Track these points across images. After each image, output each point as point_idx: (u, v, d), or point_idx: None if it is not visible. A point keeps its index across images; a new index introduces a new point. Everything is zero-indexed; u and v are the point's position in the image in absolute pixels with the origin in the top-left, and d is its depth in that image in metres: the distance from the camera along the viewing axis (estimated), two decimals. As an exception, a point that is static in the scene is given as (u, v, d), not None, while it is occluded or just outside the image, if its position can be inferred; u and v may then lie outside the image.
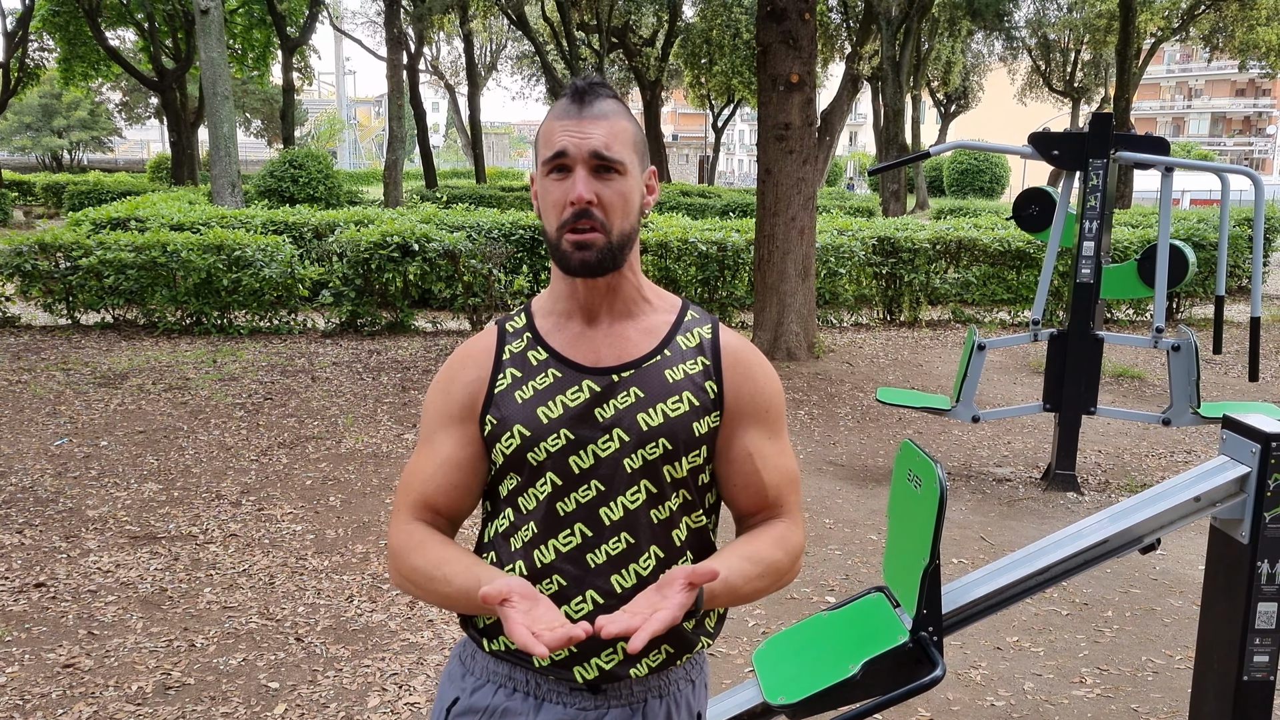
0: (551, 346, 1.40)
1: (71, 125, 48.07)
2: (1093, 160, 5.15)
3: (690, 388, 1.38)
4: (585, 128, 1.31)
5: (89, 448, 5.87)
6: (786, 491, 1.46)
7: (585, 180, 1.30)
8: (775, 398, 1.45)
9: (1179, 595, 4.16)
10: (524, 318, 1.45)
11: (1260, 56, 28.01)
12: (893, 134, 23.17)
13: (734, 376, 1.42)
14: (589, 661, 1.36)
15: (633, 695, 1.39)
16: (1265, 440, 2.19)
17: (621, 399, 1.36)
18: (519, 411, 1.37)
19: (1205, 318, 11.53)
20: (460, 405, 1.41)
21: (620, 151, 1.32)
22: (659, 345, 1.40)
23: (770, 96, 8.43)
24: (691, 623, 1.39)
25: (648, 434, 1.35)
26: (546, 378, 1.38)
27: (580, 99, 1.33)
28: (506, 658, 1.41)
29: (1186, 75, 69.48)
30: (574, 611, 1.35)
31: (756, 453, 1.42)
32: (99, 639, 3.58)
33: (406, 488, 1.44)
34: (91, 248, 9.19)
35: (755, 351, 1.46)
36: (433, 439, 1.42)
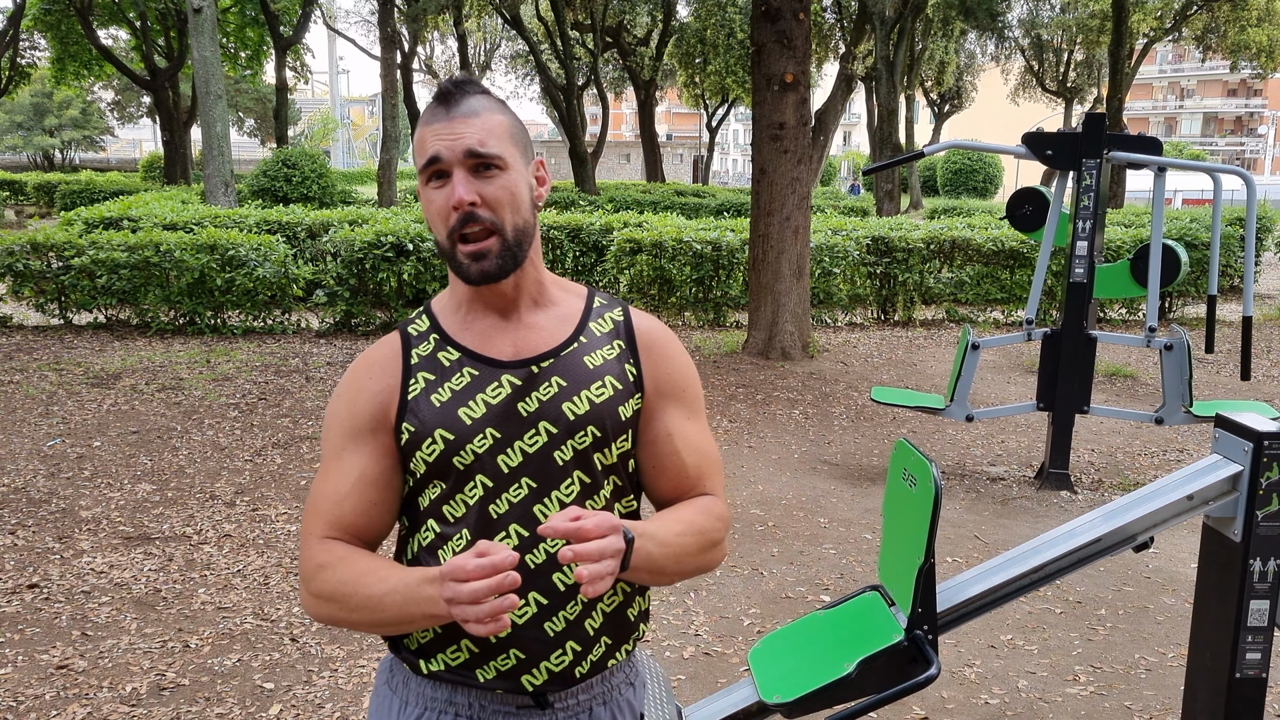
0: (462, 345, 1.34)
1: (63, 124, 47.92)
2: (1086, 160, 5.17)
3: (611, 372, 1.35)
4: (455, 128, 1.26)
5: (82, 448, 5.86)
6: (708, 471, 1.42)
7: (465, 182, 1.25)
8: (691, 377, 1.42)
9: (1172, 593, 4.18)
10: (426, 319, 1.38)
11: (1251, 57, 28.11)
12: (886, 134, 23.20)
13: (650, 357, 1.39)
14: (537, 667, 1.31)
15: (579, 705, 1.36)
16: (1257, 439, 2.20)
17: (544, 390, 1.32)
18: (438, 415, 1.30)
19: (1197, 317, 11.57)
20: (369, 417, 1.33)
21: (497, 146, 1.27)
22: (574, 332, 1.36)
23: (765, 96, 8.44)
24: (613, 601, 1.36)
25: (575, 423, 1.31)
26: (463, 377, 1.32)
27: (446, 100, 1.28)
28: (447, 678, 1.34)
29: (1179, 75, 69.70)
30: (517, 616, 1.30)
31: (677, 433, 1.39)
32: (93, 640, 3.58)
33: (315, 512, 1.33)
34: (84, 247, 9.16)
35: (668, 332, 1.44)
36: (340, 456, 1.33)
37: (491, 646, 1.31)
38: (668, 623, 3.82)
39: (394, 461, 1.33)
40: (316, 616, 1.30)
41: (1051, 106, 38.98)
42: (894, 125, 23.33)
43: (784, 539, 4.71)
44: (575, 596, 1.32)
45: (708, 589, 4.13)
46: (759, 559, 4.46)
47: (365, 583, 1.25)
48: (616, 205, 20.96)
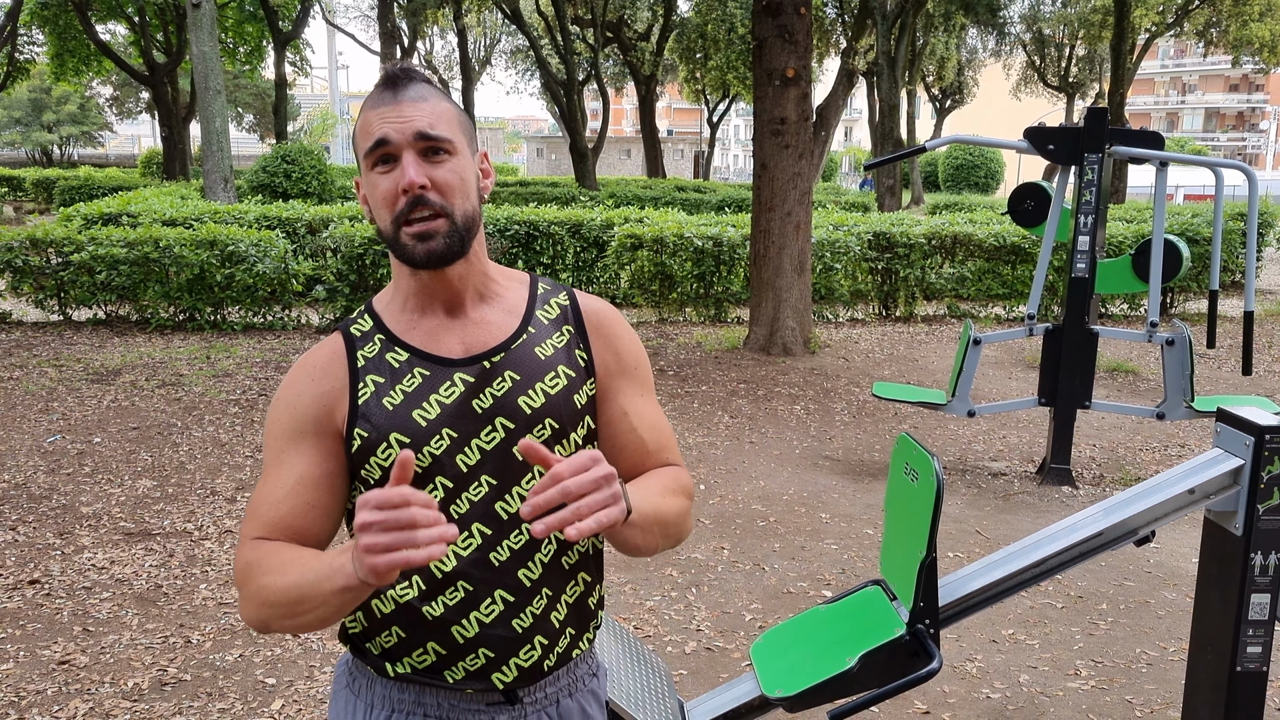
0: (410, 344, 1.31)
1: (62, 120, 47.90)
2: (1088, 155, 5.16)
3: (563, 360, 1.34)
4: (404, 111, 1.23)
5: (82, 444, 5.86)
6: (667, 444, 1.41)
7: (415, 164, 1.22)
8: (641, 354, 1.41)
9: (1173, 588, 4.18)
10: (369, 319, 1.34)
11: (1254, 52, 28.07)
12: (888, 129, 23.18)
13: (599, 340, 1.38)
14: (508, 663, 1.30)
15: (547, 698, 1.36)
16: (1259, 433, 2.19)
17: (498, 385, 1.29)
18: (392, 419, 1.27)
19: (1199, 312, 11.57)
20: (312, 419, 1.29)
21: (446, 130, 1.25)
22: (522, 323, 1.34)
23: (766, 91, 8.43)
24: (576, 591, 1.34)
25: (533, 416, 1.29)
26: (414, 378, 1.29)
27: (394, 84, 1.25)
28: (415, 680, 1.31)
29: (1181, 70, 69.60)
30: (484, 614, 1.28)
31: (632, 411, 1.38)
32: (94, 635, 3.58)
33: (254, 515, 1.28)
34: (83, 243, 9.15)
35: (614, 311, 1.42)
36: (280, 460, 1.29)
37: (460, 647, 1.29)
38: (670, 618, 3.82)
39: (337, 465, 1.29)
40: (249, 622, 1.23)
41: (1053, 101, 38.93)
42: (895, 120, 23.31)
43: (785, 534, 4.71)
44: (541, 590, 1.31)
45: (709, 584, 4.13)
46: (760, 554, 4.46)
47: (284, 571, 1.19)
48: (617, 201, 20.95)
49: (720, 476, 5.53)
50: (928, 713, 3.17)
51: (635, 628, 3.75)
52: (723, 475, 5.55)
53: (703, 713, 2.31)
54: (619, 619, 3.81)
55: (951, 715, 3.15)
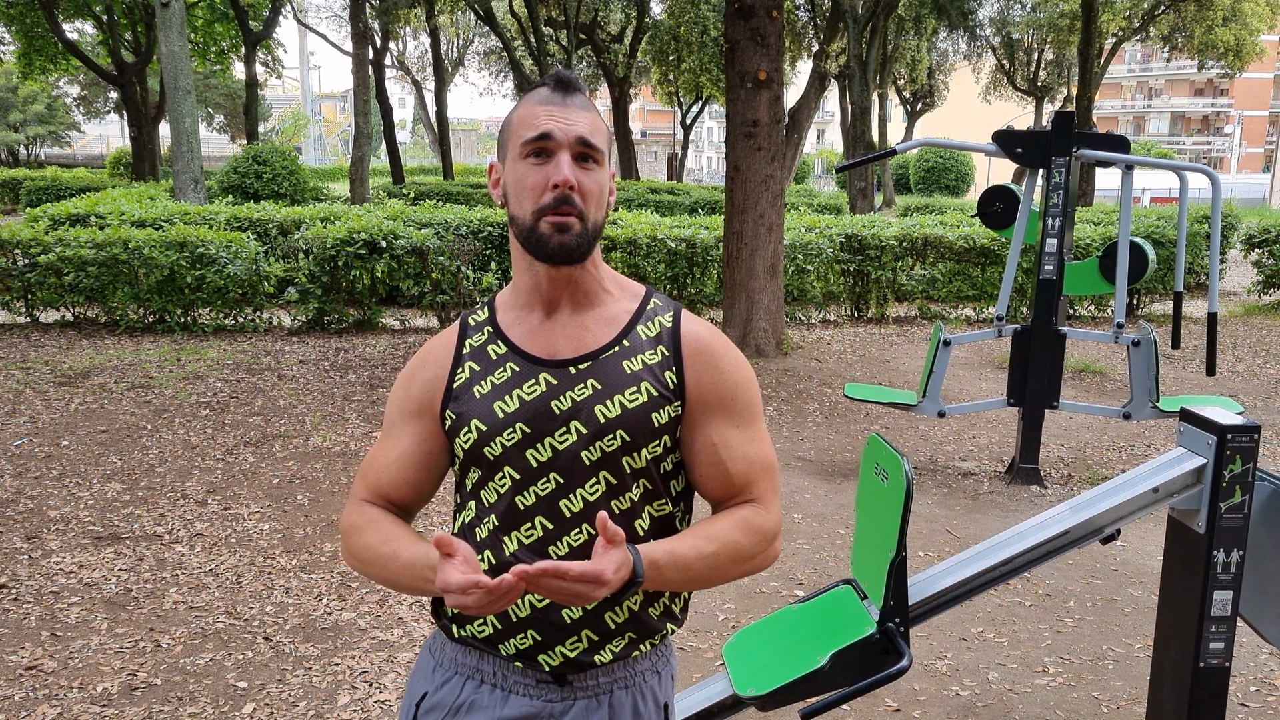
0: (511, 340, 1.40)
1: (28, 119, 47.19)
2: (1055, 158, 5.23)
3: (649, 378, 1.37)
4: (571, 114, 1.31)
5: (50, 447, 5.78)
6: (757, 478, 1.42)
7: (570, 165, 1.30)
8: (742, 386, 1.42)
9: (1139, 585, 4.24)
10: (487, 311, 1.45)
11: (1218, 57, 28.52)
12: (859, 131, 23.33)
13: (695, 366, 1.39)
14: (553, 649, 1.36)
15: (599, 687, 1.39)
16: (1221, 433, 2.24)
17: (579, 391, 1.35)
18: (476, 406, 1.37)
19: (1164, 313, 11.73)
20: (418, 401, 1.42)
21: (601, 142, 1.33)
22: (618, 336, 1.38)
23: (738, 94, 8.47)
24: (637, 600, 1.39)
25: (605, 426, 1.34)
26: (505, 372, 1.38)
27: (564, 88, 1.34)
28: (476, 646, 1.41)
29: (1147, 75, 70.55)
30: (537, 600, 1.36)
31: (721, 443, 1.40)
32: (62, 640, 3.54)
33: (364, 475, 1.47)
34: (50, 244, 9.03)
35: (721, 339, 1.43)
36: (390, 433, 1.45)
37: (511, 625, 1.37)
38: (643, 618, 3.83)
39: (436, 445, 1.43)
40: (352, 567, 1.43)
41: (1022, 105, 39.33)
42: (867, 123, 23.46)
43: (758, 534, 4.73)
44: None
45: (682, 585, 4.14)
46: (733, 554, 4.47)
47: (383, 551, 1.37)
48: (591, 202, 20.88)
49: (694, 477, 5.54)
50: (898, 710, 3.20)
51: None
52: (696, 476, 5.56)
53: (676, 712, 2.32)
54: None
55: (922, 713, 3.19)
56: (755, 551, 1.40)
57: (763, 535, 1.40)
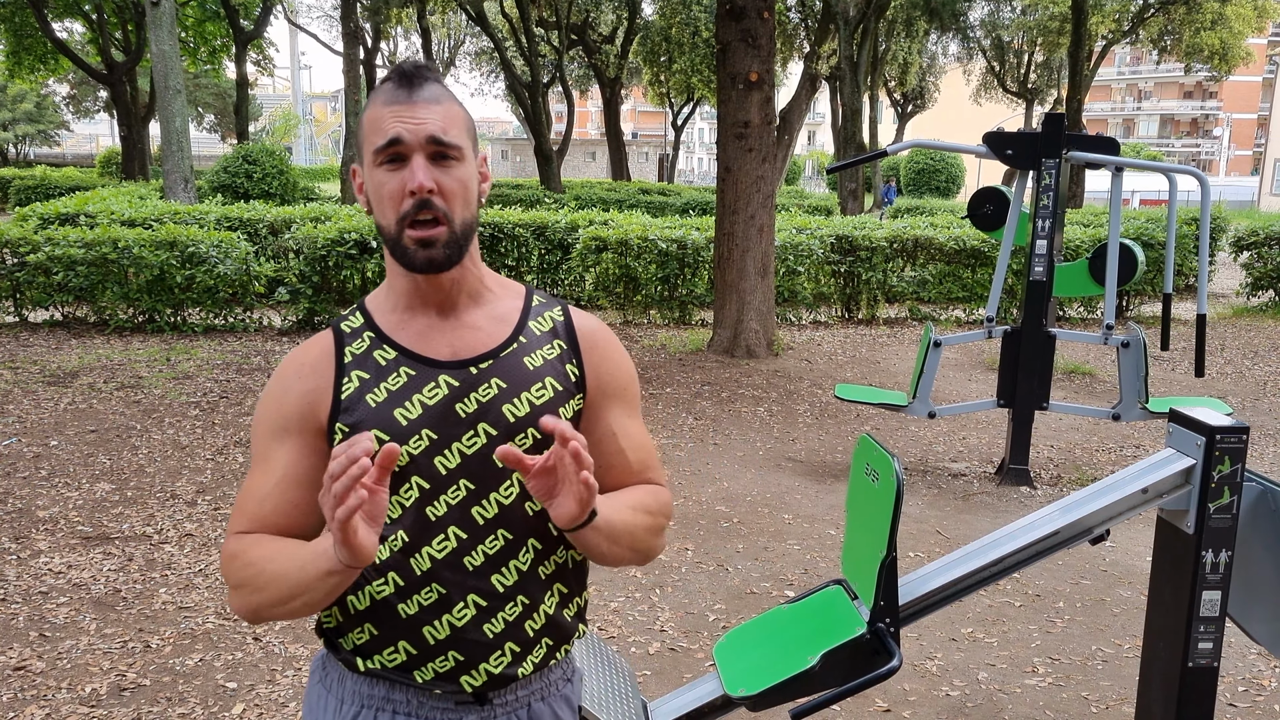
0: (399, 343, 1.31)
1: (17, 118, 46.98)
2: (1045, 160, 5.25)
3: (552, 373, 1.34)
4: (419, 113, 1.23)
5: (39, 447, 5.76)
6: (652, 464, 1.43)
7: (424, 168, 1.23)
8: (632, 376, 1.43)
9: (1128, 586, 4.26)
10: (361, 316, 1.35)
11: (1206, 60, 28.67)
12: (850, 133, 23.37)
13: (592, 357, 1.38)
14: (476, 668, 1.31)
15: (518, 701, 1.36)
16: (1210, 433, 2.25)
17: (484, 391, 1.30)
18: (373, 416, 1.28)
19: (1154, 315, 11.79)
20: (297, 416, 1.30)
21: (457, 136, 1.26)
22: (513, 332, 1.35)
23: (729, 95, 8.48)
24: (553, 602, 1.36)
25: (515, 425, 1.30)
26: (399, 377, 1.29)
27: (409, 83, 1.25)
28: (385, 676, 1.32)
29: (1136, 77, 70.88)
30: (456, 617, 1.29)
31: (620, 431, 1.39)
32: (51, 641, 3.52)
33: (240, 511, 1.31)
34: (39, 244, 8.99)
35: (608, 331, 1.43)
36: (266, 457, 1.31)
37: (430, 648, 1.30)
38: (633, 619, 3.83)
39: (321, 462, 1.31)
40: (237, 610, 1.27)
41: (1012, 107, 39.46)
42: (858, 125, 23.51)
43: (749, 535, 4.74)
44: (515, 598, 1.32)
45: (673, 585, 4.15)
46: (724, 555, 4.48)
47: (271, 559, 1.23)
48: (582, 203, 20.94)
49: (684, 478, 5.55)
50: (888, 710, 3.21)
51: (599, 629, 3.76)
52: (687, 477, 5.57)
53: (666, 712, 2.33)
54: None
55: (911, 713, 3.20)
56: (663, 524, 1.39)
57: (668, 511, 1.42)
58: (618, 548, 1.29)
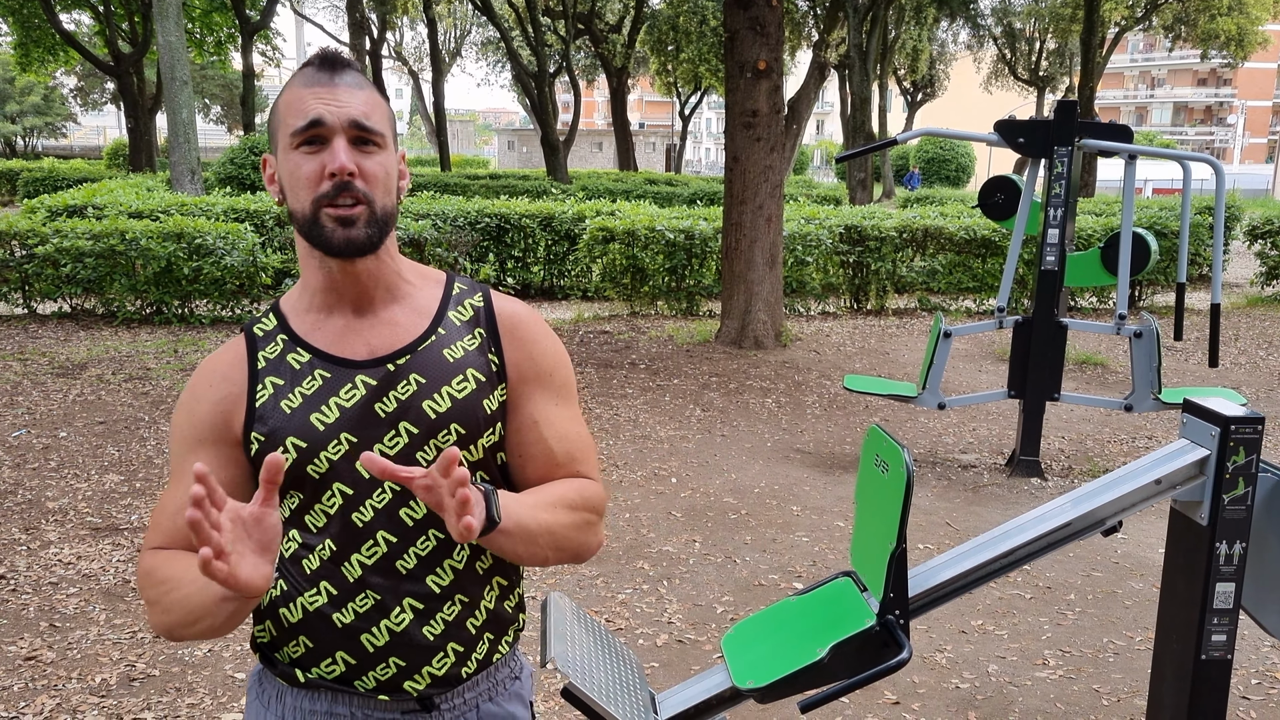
0: (313, 345, 1.27)
1: (25, 111, 47.12)
2: (1057, 148, 5.20)
3: (473, 364, 1.29)
4: (340, 96, 1.20)
5: (48, 439, 5.77)
6: (581, 456, 1.35)
7: (346, 150, 1.19)
8: (559, 360, 1.36)
9: (1140, 578, 4.23)
10: (274, 319, 1.30)
11: (1221, 46, 28.45)
12: (859, 122, 23.28)
13: (512, 343, 1.33)
14: (419, 672, 1.27)
15: (465, 704, 1.33)
16: (1224, 424, 2.22)
17: (402, 389, 1.25)
18: (289, 422, 1.23)
19: (1167, 305, 11.72)
20: (210, 426, 1.26)
21: (379, 123, 1.22)
22: (431, 324, 1.30)
23: (738, 83, 8.43)
24: (493, 596, 1.32)
25: (437, 421, 1.25)
26: (314, 380, 1.25)
27: (330, 67, 1.22)
28: (326, 687, 1.28)
29: (1150, 64, 70.42)
30: (394, 623, 1.25)
31: (543, 419, 1.33)
32: (61, 631, 3.53)
33: (155, 526, 1.27)
34: (48, 236, 9.01)
35: (533, 314, 1.37)
36: (182, 468, 1.26)
37: (369, 656, 1.26)
38: (641, 611, 3.82)
39: (239, 472, 1.26)
40: (154, 627, 1.23)
41: (1024, 95, 39.25)
42: (867, 113, 23.42)
43: (757, 527, 4.72)
44: (453, 597, 1.28)
45: (681, 577, 4.14)
46: (732, 547, 4.47)
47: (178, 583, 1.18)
48: (589, 194, 20.91)
49: (692, 470, 5.53)
50: (897, 703, 3.19)
51: (607, 620, 3.75)
52: (694, 468, 5.56)
53: (674, 704, 2.32)
54: (591, 612, 3.81)
55: (921, 705, 3.18)
56: (592, 519, 1.32)
57: (598, 504, 1.34)
58: (537, 548, 1.23)
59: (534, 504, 1.24)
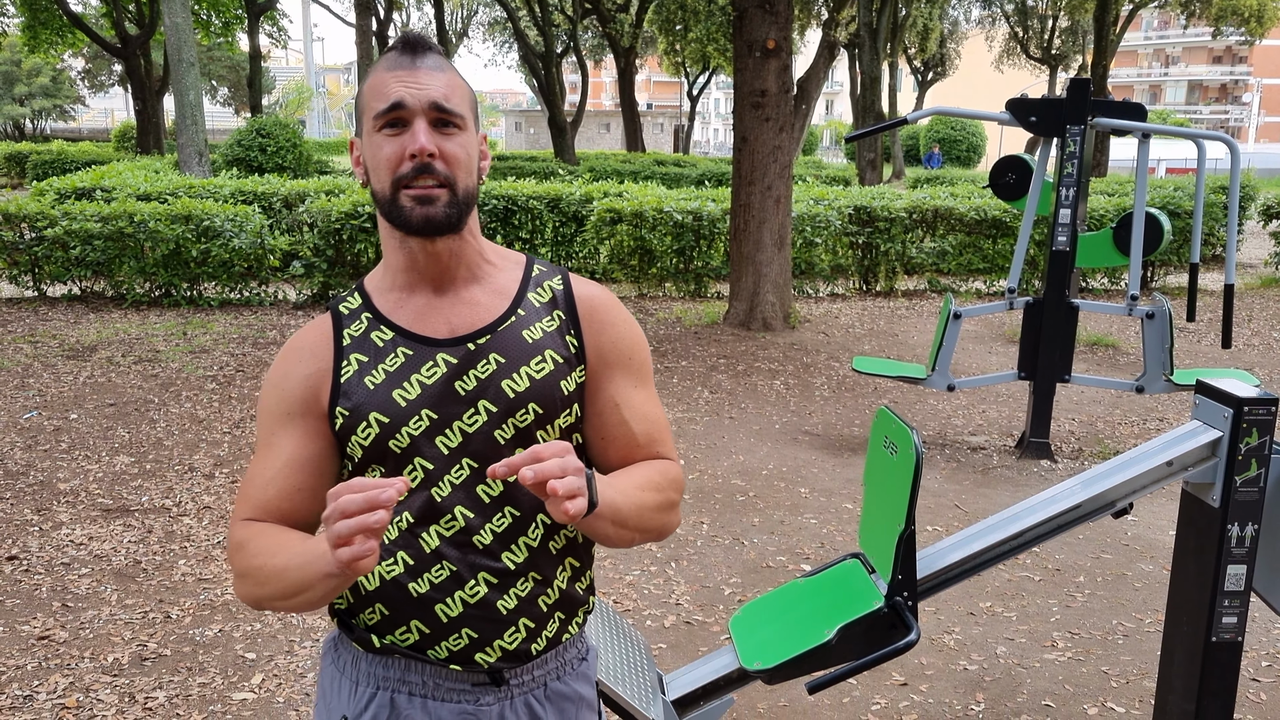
0: (396, 323, 1.30)
1: (33, 93, 47.13)
2: (1070, 127, 5.15)
3: (551, 345, 1.31)
4: (421, 78, 1.22)
5: (59, 420, 5.80)
6: (659, 437, 1.37)
7: (426, 132, 1.21)
8: (637, 343, 1.38)
9: (1150, 560, 4.22)
10: (358, 298, 1.34)
11: (1238, 24, 28.12)
12: (869, 102, 23.12)
13: (592, 326, 1.34)
14: (491, 644, 1.30)
15: (534, 681, 1.35)
16: (1237, 405, 2.20)
17: (482, 368, 1.27)
18: (372, 398, 1.27)
19: (1180, 286, 11.64)
20: (299, 400, 1.30)
21: (460, 105, 1.24)
22: (511, 306, 1.32)
23: (746, 63, 8.37)
24: (565, 576, 1.34)
25: (516, 401, 1.27)
26: (396, 358, 1.28)
27: (413, 50, 1.25)
28: (400, 654, 1.31)
29: (1164, 42, 69.71)
30: (469, 595, 1.28)
31: (623, 402, 1.35)
32: (73, 611, 3.55)
33: (244, 497, 1.31)
34: (57, 218, 9.02)
35: (611, 297, 1.39)
36: (270, 442, 1.31)
37: (443, 626, 1.28)
38: (649, 592, 3.83)
39: (325, 446, 1.30)
40: (241, 597, 1.26)
41: (1036, 73, 38.90)
42: (877, 93, 23.25)
43: (765, 509, 4.72)
44: (527, 574, 1.30)
45: (689, 559, 4.14)
46: (740, 529, 4.47)
47: (274, 554, 1.21)
48: (596, 175, 20.84)
49: (700, 451, 5.53)
50: (905, 684, 3.20)
51: (615, 602, 3.76)
52: (702, 450, 5.55)
53: (682, 685, 2.32)
54: (599, 593, 3.82)
55: (929, 687, 3.18)
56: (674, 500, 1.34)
57: (679, 486, 1.36)
58: (626, 530, 1.25)
59: (624, 486, 1.26)
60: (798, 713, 3.02)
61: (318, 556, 1.14)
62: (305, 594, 1.17)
